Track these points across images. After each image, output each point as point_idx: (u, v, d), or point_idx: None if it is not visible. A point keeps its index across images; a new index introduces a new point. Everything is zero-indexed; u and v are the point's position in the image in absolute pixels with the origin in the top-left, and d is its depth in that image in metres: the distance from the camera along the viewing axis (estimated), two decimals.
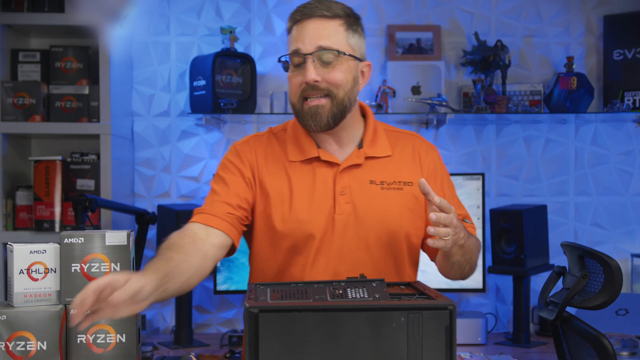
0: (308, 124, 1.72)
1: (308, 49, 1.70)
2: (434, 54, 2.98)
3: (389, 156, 1.80)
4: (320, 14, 1.71)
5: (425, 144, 1.88)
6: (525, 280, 2.74)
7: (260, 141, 1.83)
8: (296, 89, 1.72)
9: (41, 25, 2.77)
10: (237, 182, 1.76)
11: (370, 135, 1.81)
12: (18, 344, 1.47)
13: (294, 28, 1.74)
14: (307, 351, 1.27)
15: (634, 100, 2.90)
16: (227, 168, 1.80)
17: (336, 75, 1.70)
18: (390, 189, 1.76)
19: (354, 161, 1.77)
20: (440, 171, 1.85)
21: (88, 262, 1.51)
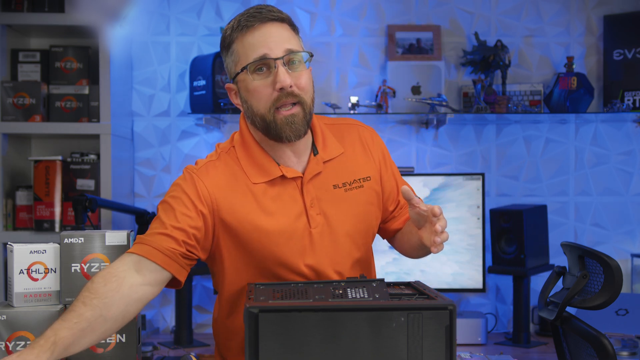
0: (285, 135, 1.61)
1: (277, 53, 1.59)
2: (434, 54, 2.98)
3: (341, 154, 1.75)
4: (274, 17, 1.61)
5: (369, 132, 1.82)
6: (525, 280, 2.74)
7: (216, 168, 1.67)
8: (267, 99, 1.59)
9: (41, 25, 2.77)
10: (187, 216, 1.59)
11: (320, 139, 1.74)
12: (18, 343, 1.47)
13: (247, 35, 1.60)
14: (307, 351, 1.27)
15: (634, 100, 2.90)
16: (179, 199, 1.61)
17: (304, 80, 1.62)
18: (352, 188, 1.72)
19: (315, 170, 1.69)
20: (388, 157, 1.83)
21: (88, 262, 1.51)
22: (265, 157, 1.67)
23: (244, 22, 1.60)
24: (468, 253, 2.80)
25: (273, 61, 1.58)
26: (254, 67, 1.59)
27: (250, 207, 1.63)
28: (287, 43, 1.61)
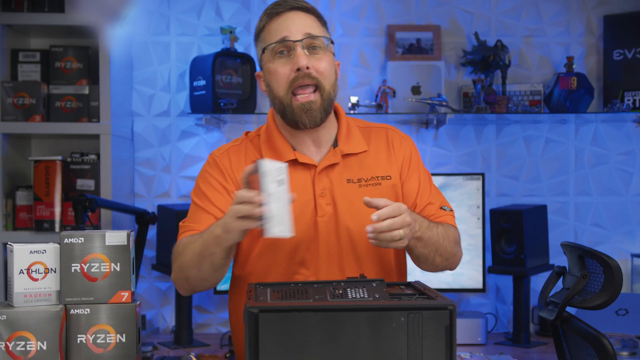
0: (301, 120, 1.68)
1: (296, 36, 1.67)
2: (434, 54, 2.98)
3: (365, 151, 1.78)
4: (300, 6, 1.71)
5: (398, 134, 1.85)
6: (525, 280, 2.74)
7: (238, 150, 1.79)
8: (284, 80, 1.68)
9: (41, 25, 2.77)
10: (219, 198, 1.72)
11: (344, 133, 1.78)
12: (18, 344, 1.47)
13: (273, 21, 1.71)
14: (307, 351, 1.27)
15: (634, 100, 2.90)
16: (208, 182, 1.75)
17: (324, 65, 1.68)
18: (368, 185, 1.74)
19: (330, 161, 1.74)
20: (415, 161, 1.83)
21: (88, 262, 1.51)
22: (283, 143, 1.75)
23: (269, 10, 1.72)
24: (468, 253, 2.80)
25: (292, 43, 1.66)
26: (274, 49, 1.68)
27: None
28: (308, 28, 1.69)
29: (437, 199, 1.83)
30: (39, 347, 1.48)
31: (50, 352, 1.48)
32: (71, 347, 1.50)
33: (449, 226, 1.77)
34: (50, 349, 1.48)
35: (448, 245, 1.73)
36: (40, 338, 1.48)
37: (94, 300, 1.51)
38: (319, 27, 1.72)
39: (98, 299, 1.51)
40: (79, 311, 1.50)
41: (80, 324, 1.50)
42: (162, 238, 2.83)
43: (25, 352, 1.48)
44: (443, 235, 1.71)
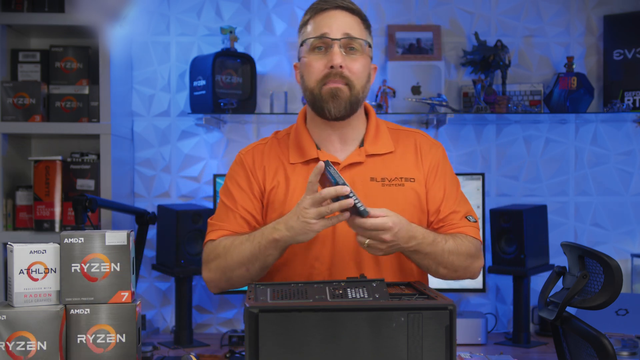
0: (327, 107, 1.73)
1: (336, 34, 1.72)
2: (434, 54, 2.98)
3: (391, 152, 1.81)
4: (345, 6, 1.76)
5: (429, 140, 1.87)
6: (525, 280, 2.74)
7: (262, 148, 1.85)
8: (318, 73, 1.73)
9: (41, 25, 2.77)
10: (245, 197, 1.80)
11: (372, 134, 1.82)
12: (18, 344, 1.47)
13: (317, 16, 1.75)
14: (307, 351, 1.27)
15: (634, 100, 2.90)
16: (235, 181, 1.83)
17: (357, 66, 1.73)
18: (391, 185, 1.77)
19: (354, 159, 1.78)
20: (443, 168, 1.84)
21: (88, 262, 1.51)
22: (308, 141, 1.81)
23: (317, 5, 1.77)
24: None
25: (330, 41, 1.71)
26: (313, 43, 1.74)
27: (281, 184, 1.77)
28: (349, 29, 1.73)
29: (463, 207, 1.83)
30: (39, 347, 1.48)
31: (50, 352, 1.48)
32: (71, 347, 1.50)
33: (465, 238, 1.77)
34: (50, 349, 1.48)
35: (456, 260, 1.73)
36: (40, 338, 1.48)
37: (94, 300, 1.51)
38: (360, 30, 1.76)
39: (98, 299, 1.51)
40: (79, 311, 1.50)
41: (80, 324, 1.50)
42: (162, 238, 2.83)
43: (25, 352, 1.48)
44: (451, 249, 1.71)
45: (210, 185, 3.00)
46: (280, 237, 1.61)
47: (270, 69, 3.02)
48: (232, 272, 1.72)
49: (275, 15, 3.02)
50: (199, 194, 3.03)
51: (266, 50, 3.03)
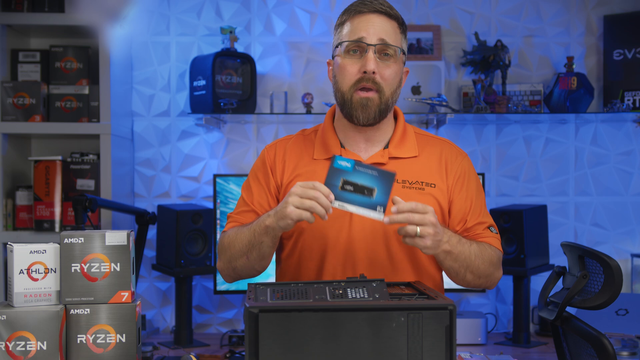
0: (356, 115, 1.74)
1: (372, 39, 1.72)
2: (434, 54, 2.98)
3: (414, 157, 1.82)
4: (384, 11, 1.76)
5: (455, 150, 1.88)
6: (525, 280, 2.74)
7: (286, 143, 1.88)
8: (351, 77, 1.74)
9: (41, 25, 2.77)
10: (261, 192, 1.84)
11: (398, 137, 1.84)
12: (18, 344, 1.47)
13: (355, 18, 1.75)
14: (307, 351, 1.27)
15: (634, 100, 2.90)
16: (255, 176, 1.87)
17: (389, 72, 1.74)
18: (411, 188, 1.78)
19: (377, 160, 1.79)
20: (469, 178, 1.85)
21: (88, 262, 1.51)
22: (333, 139, 1.83)
23: (355, 7, 1.77)
24: None
25: (366, 46, 1.71)
26: (348, 46, 1.74)
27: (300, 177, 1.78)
28: (385, 34, 1.73)
29: (488, 219, 1.86)
30: (39, 347, 1.48)
31: (50, 352, 1.48)
32: (71, 347, 1.50)
33: (488, 246, 1.80)
34: (50, 349, 1.48)
35: (481, 265, 1.75)
36: (40, 338, 1.48)
37: (94, 300, 1.51)
38: (396, 35, 1.76)
39: (98, 299, 1.51)
40: (79, 311, 1.50)
41: (80, 324, 1.50)
42: (162, 238, 2.83)
43: (25, 352, 1.48)
44: (476, 253, 1.73)
45: (210, 185, 3.00)
46: (269, 224, 1.64)
47: (270, 69, 3.02)
48: (236, 262, 1.76)
49: (275, 15, 3.02)
50: (199, 194, 3.03)
51: (266, 50, 3.03)
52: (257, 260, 1.73)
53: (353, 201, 1.57)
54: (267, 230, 1.65)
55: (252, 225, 1.71)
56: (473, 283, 1.78)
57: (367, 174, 1.58)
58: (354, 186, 1.58)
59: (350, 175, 1.57)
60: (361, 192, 1.58)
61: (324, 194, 1.55)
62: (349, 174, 1.57)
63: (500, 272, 1.86)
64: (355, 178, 1.57)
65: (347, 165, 1.57)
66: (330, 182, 1.57)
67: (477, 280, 1.78)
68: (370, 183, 1.57)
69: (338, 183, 1.57)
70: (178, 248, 2.71)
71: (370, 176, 1.57)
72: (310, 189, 1.56)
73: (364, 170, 1.57)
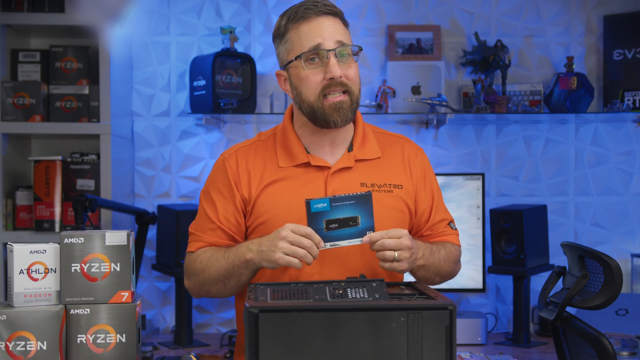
0: (334, 120, 1.71)
1: (329, 44, 1.69)
2: (434, 54, 2.98)
3: (378, 158, 1.82)
4: (330, 11, 1.72)
5: (414, 148, 1.89)
6: (525, 280, 2.74)
7: (247, 150, 1.82)
8: (316, 87, 1.70)
9: (41, 25, 2.77)
10: (227, 207, 1.78)
11: (360, 138, 1.82)
12: (18, 344, 1.47)
13: (303, 25, 1.71)
14: (307, 351, 1.27)
15: (634, 100, 2.89)
16: (216, 188, 1.80)
17: (353, 72, 1.72)
18: (380, 191, 1.77)
19: (344, 164, 1.78)
20: (429, 176, 1.88)
21: (88, 262, 1.51)
22: (297, 145, 1.79)
23: (300, 14, 1.71)
24: (468, 253, 2.80)
25: (325, 52, 1.68)
26: (307, 56, 1.70)
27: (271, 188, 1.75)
28: (340, 36, 1.70)
29: (447, 215, 1.90)
30: (39, 347, 1.48)
31: (50, 352, 1.48)
32: (71, 347, 1.50)
33: (452, 246, 1.86)
34: (50, 349, 1.48)
35: (448, 268, 1.83)
36: (40, 338, 1.48)
37: (94, 300, 1.51)
38: (346, 32, 1.75)
39: (98, 299, 1.51)
40: (79, 311, 1.50)
41: (80, 324, 1.50)
42: (162, 238, 2.83)
43: (25, 352, 1.48)
44: (445, 258, 1.80)
45: None
46: (250, 258, 1.63)
47: (270, 69, 3.02)
48: (210, 287, 1.75)
49: (275, 15, 3.02)
50: (199, 194, 3.02)
51: (266, 50, 3.03)
52: (234, 287, 1.73)
53: (342, 237, 1.58)
54: (247, 265, 1.65)
55: (228, 255, 1.69)
56: (438, 283, 1.86)
57: (345, 205, 1.57)
58: (338, 222, 1.58)
59: (329, 213, 1.57)
60: (347, 225, 1.58)
61: (315, 243, 1.56)
62: (328, 213, 1.57)
63: (460, 265, 1.93)
64: (336, 214, 1.57)
65: (324, 206, 1.57)
66: (314, 228, 1.57)
67: (442, 280, 1.86)
68: (351, 212, 1.58)
69: (322, 226, 1.57)
70: (178, 248, 2.71)
71: (348, 206, 1.58)
72: (303, 238, 1.55)
73: (341, 203, 1.57)
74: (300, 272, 1.72)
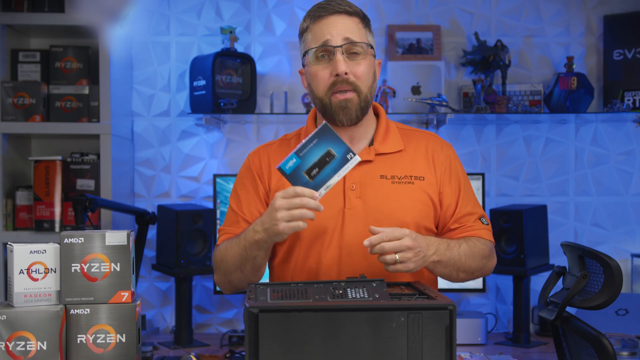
0: (339, 118, 1.74)
1: (337, 41, 1.72)
2: (434, 54, 2.98)
3: (400, 151, 1.82)
4: (343, 10, 1.75)
5: (440, 142, 1.88)
6: (525, 280, 2.74)
7: (269, 149, 1.87)
8: (325, 83, 1.73)
9: (41, 25, 2.77)
10: (250, 200, 1.83)
11: (382, 133, 1.83)
12: (18, 344, 1.48)
13: (316, 24, 1.75)
14: (307, 351, 1.27)
15: (634, 100, 2.90)
16: (242, 184, 1.86)
17: (362, 69, 1.73)
18: (401, 182, 1.78)
19: (364, 157, 1.78)
20: (455, 170, 1.86)
21: (88, 262, 1.51)
22: None
23: (313, 13, 1.77)
24: None
25: (332, 49, 1.71)
26: (316, 53, 1.74)
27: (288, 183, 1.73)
28: (349, 33, 1.73)
29: (478, 209, 1.86)
30: (39, 347, 1.48)
31: (50, 352, 1.48)
32: (71, 347, 1.50)
33: (477, 240, 1.81)
34: (50, 349, 1.48)
35: (472, 263, 1.77)
36: (40, 338, 1.48)
37: (94, 300, 1.51)
38: (360, 31, 1.76)
39: (98, 299, 1.51)
40: (79, 311, 1.50)
41: (80, 324, 1.50)
42: (162, 238, 2.83)
43: (25, 352, 1.48)
44: (467, 253, 1.75)
45: (210, 185, 3.00)
46: (259, 239, 1.65)
47: (270, 69, 3.02)
48: (231, 275, 1.77)
49: (275, 15, 3.02)
50: (199, 194, 3.02)
51: (266, 50, 3.03)
52: (251, 272, 1.74)
53: (328, 175, 1.59)
54: (258, 245, 1.67)
55: (239, 240, 1.71)
56: (467, 279, 1.82)
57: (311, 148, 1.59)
58: (316, 166, 1.59)
59: (303, 164, 1.58)
60: (325, 163, 1.59)
61: (308, 196, 1.56)
62: (302, 164, 1.58)
63: (494, 260, 1.88)
64: (309, 160, 1.58)
65: (294, 162, 1.58)
66: (299, 184, 1.58)
67: (470, 276, 1.81)
68: (322, 150, 1.59)
69: (305, 179, 1.58)
70: (178, 248, 2.71)
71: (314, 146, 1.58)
72: (294, 198, 1.56)
73: (306, 148, 1.58)
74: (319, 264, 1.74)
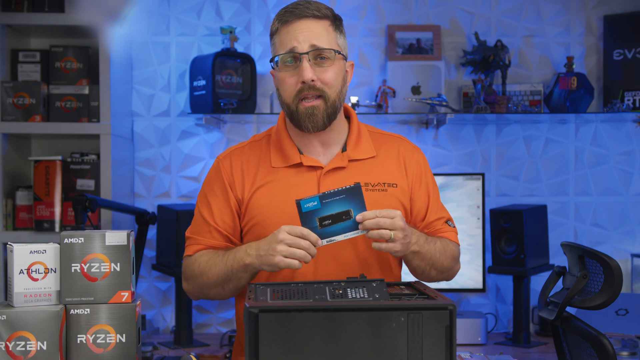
0: (305, 125, 1.73)
1: (303, 48, 1.70)
2: (434, 54, 2.98)
3: (372, 157, 1.82)
4: (311, 14, 1.72)
5: (411, 147, 1.89)
6: (525, 280, 2.74)
7: (241, 152, 1.84)
8: (291, 89, 1.73)
9: (41, 25, 2.77)
10: (222, 209, 1.80)
11: (354, 138, 1.82)
12: (18, 344, 1.47)
13: (284, 28, 1.73)
14: (307, 351, 1.27)
15: (634, 100, 2.90)
16: (212, 190, 1.83)
17: (329, 75, 1.72)
18: (374, 190, 1.78)
19: (337, 164, 1.78)
20: (425, 175, 1.88)
21: (88, 262, 1.51)
22: (290, 145, 1.80)
23: (281, 17, 1.75)
24: (468, 253, 2.80)
25: (299, 55, 1.70)
26: (283, 59, 1.73)
27: (264, 188, 1.76)
28: (316, 39, 1.71)
29: (445, 213, 1.90)
30: (39, 347, 1.48)
31: (50, 352, 1.48)
32: (71, 347, 1.50)
33: (449, 242, 1.85)
34: (50, 349, 1.48)
35: (445, 261, 1.80)
36: (40, 338, 1.48)
37: (94, 300, 1.51)
38: (329, 35, 1.73)
39: (98, 299, 1.51)
40: (79, 311, 1.50)
41: (80, 324, 1.50)
42: (162, 238, 2.83)
43: (25, 352, 1.48)
44: (440, 250, 1.78)
45: None
46: (249, 262, 1.64)
47: (270, 68, 3.02)
48: (209, 290, 1.77)
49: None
50: None
51: (266, 50, 3.03)
52: (233, 290, 1.74)
53: (337, 232, 1.59)
54: (246, 269, 1.66)
55: (226, 259, 1.70)
56: (436, 279, 1.83)
57: (335, 200, 1.58)
58: (331, 218, 1.58)
59: (321, 210, 1.57)
60: (340, 220, 1.59)
61: (312, 242, 1.56)
62: (320, 210, 1.57)
63: (459, 265, 1.91)
64: (328, 210, 1.58)
65: (314, 204, 1.57)
66: (308, 227, 1.57)
67: (440, 276, 1.83)
68: (343, 207, 1.58)
69: (315, 224, 1.58)
70: (178, 248, 2.71)
71: (339, 200, 1.58)
72: (300, 239, 1.56)
73: (331, 199, 1.57)
74: (294, 270, 1.72)
